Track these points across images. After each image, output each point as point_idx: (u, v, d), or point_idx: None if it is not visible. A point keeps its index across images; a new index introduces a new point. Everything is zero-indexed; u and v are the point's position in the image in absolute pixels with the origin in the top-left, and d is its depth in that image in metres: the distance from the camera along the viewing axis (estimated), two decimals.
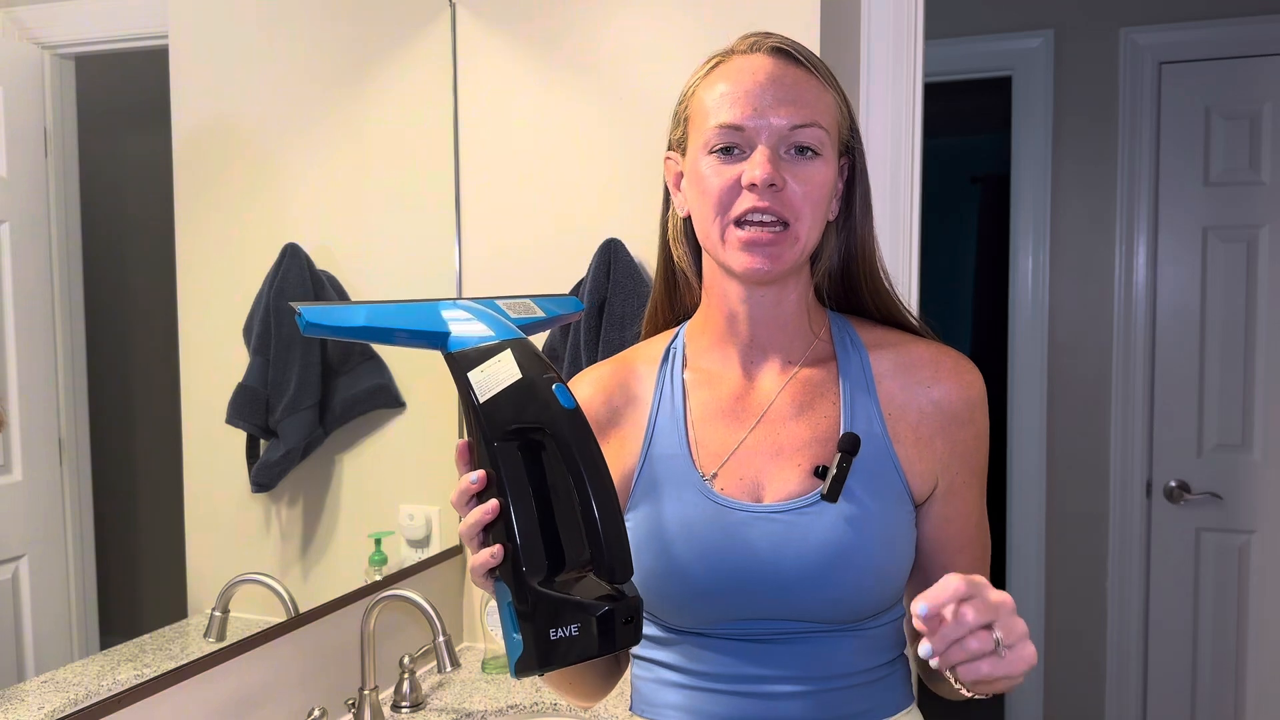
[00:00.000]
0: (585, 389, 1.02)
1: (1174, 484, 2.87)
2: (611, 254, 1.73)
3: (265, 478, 1.49)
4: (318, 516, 1.60)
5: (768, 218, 0.89)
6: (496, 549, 0.77)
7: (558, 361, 1.77)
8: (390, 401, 1.74)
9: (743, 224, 0.90)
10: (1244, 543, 2.82)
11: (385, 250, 1.76)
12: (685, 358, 1.01)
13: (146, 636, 1.28)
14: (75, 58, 1.19)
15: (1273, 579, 2.79)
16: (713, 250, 0.94)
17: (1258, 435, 2.79)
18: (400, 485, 1.81)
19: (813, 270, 0.99)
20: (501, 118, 1.86)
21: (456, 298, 0.87)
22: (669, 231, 1.03)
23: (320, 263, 1.57)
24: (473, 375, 0.79)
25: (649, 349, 1.05)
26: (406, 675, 1.62)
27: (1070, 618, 2.98)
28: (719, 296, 0.98)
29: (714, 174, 0.91)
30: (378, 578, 1.70)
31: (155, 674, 1.24)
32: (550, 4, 1.81)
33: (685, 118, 0.96)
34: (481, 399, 0.79)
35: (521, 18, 1.83)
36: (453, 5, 1.87)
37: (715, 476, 0.94)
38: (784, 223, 0.90)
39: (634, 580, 0.80)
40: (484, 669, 1.77)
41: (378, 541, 1.71)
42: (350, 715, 1.55)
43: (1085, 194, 2.92)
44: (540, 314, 0.88)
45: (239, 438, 1.46)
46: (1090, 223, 2.92)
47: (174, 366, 1.33)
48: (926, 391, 0.96)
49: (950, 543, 0.97)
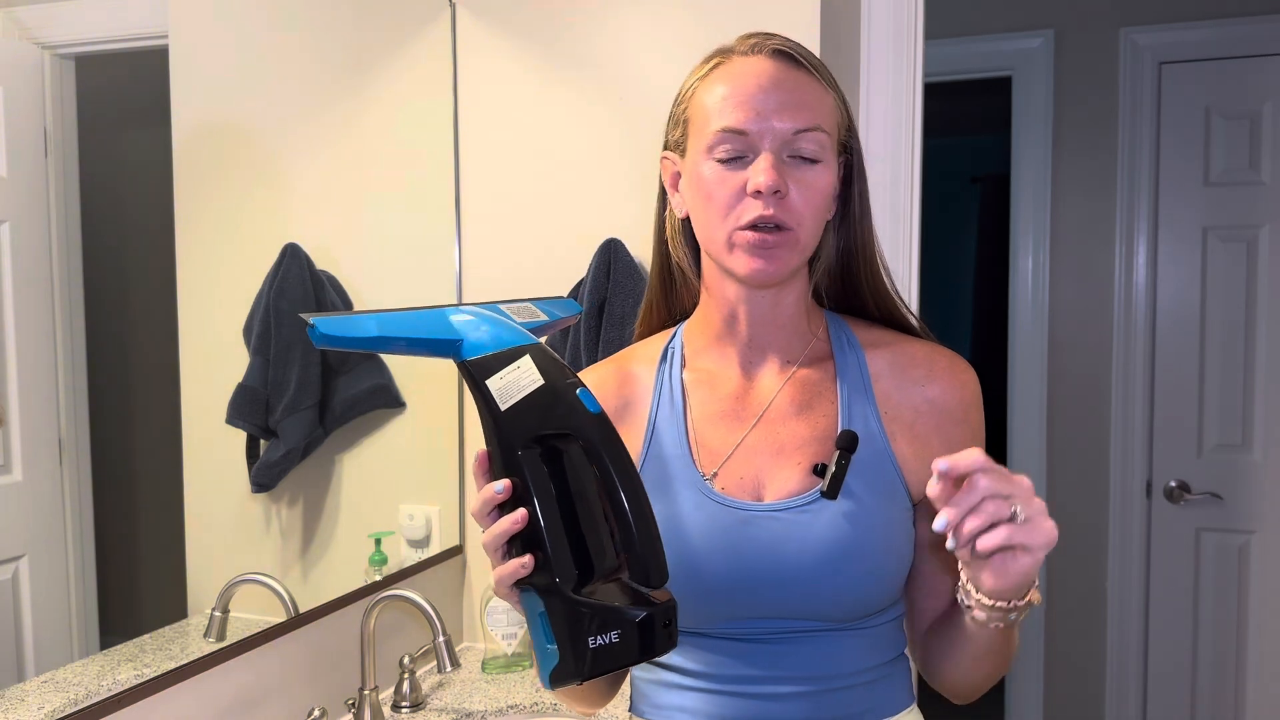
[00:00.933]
0: None
1: (1174, 484, 2.87)
2: (612, 254, 1.73)
3: (265, 478, 1.49)
4: (318, 516, 1.60)
5: (771, 223, 0.89)
6: (527, 559, 0.76)
7: None
8: (390, 401, 1.74)
9: (746, 229, 0.90)
10: (1244, 543, 2.82)
11: (385, 250, 1.76)
12: (684, 357, 1.01)
13: (146, 636, 1.28)
14: (75, 58, 1.18)
15: (1273, 579, 2.79)
16: (715, 254, 0.94)
17: (1258, 435, 2.79)
18: (400, 485, 1.81)
19: (811, 270, 0.99)
20: (501, 118, 1.86)
21: (459, 303, 0.85)
22: (667, 231, 1.03)
23: (320, 263, 1.57)
24: (491, 383, 0.77)
25: (647, 349, 1.05)
26: (406, 675, 1.62)
27: (1070, 618, 2.98)
28: (718, 297, 0.98)
29: (717, 179, 0.91)
30: (378, 578, 1.70)
31: (155, 674, 1.24)
32: (550, 4, 1.81)
33: (685, 119, 0.96)
34: (503, 407, 0.77)
35: (522, 18, 1.83)
36: (453, 5, 1.87)
37: (715, 476, 0.94)
38: (785, 227, 0.90)
39: None
40: (484, 669, 1.77)
41: (378, 541, 1.71)
42: (350, 715, 1.55)
43: (1085, 194, 2.92)
44: (543, 317, 0.86)
45: (239, 438, 1.46)
46: (1090, 223, 2.92)
47: (174, 366, 1.33)
48: (921, 390, 0.96)
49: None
